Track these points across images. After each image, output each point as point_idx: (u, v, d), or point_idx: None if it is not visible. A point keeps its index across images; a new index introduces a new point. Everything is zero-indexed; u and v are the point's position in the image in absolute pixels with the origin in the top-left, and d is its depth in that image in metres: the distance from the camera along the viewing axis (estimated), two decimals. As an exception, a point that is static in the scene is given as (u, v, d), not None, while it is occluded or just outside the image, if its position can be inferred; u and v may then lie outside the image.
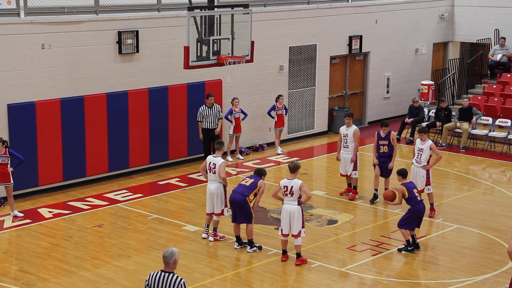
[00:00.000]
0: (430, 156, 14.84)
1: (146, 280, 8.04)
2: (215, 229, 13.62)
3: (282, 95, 19.94)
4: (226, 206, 13.43)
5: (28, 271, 12.20)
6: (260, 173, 13.09)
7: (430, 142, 14.92)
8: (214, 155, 13.44)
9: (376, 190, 15.78)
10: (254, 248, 13.04)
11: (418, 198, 13.11)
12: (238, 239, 13.19)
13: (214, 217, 13.51)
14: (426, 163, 14.82)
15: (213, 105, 18.12)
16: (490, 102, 21.90)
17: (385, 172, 15.67)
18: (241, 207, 12.80)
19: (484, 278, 12.11)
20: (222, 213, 13.45)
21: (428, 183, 14.85)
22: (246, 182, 12.91)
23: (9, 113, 15.56)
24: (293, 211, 12.33)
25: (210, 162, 13.36)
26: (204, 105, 18.11)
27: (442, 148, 20.18)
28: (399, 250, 13.15)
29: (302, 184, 12.27)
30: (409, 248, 13.11)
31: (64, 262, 12.61)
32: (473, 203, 16.07)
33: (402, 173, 13.27)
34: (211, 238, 13.59)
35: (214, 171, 13.29)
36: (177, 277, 7.89)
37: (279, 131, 20.10)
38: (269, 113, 19.91)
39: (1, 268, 12.36)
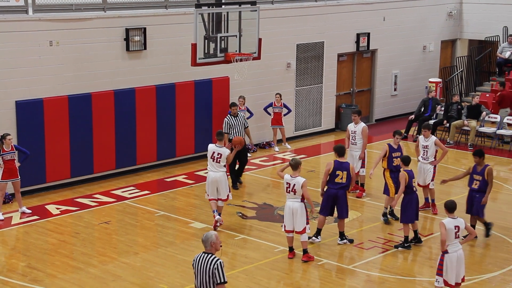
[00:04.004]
0: (436, 151, 14.84)
1: (193, 260, 8.71)
2: (219, 214, 13.91)
3: (279, 93, 19.91)
4: (230, 191, 13.94)
5: (36, 267, 12.24)
6: (340, 153, 13.21)
7: (434, 137, 14.91)
8: (217, 144, 13.75)
9: (386, 208, 14.68)
10: (345, 241, 13.32)
11: (414, 188, 13.14)
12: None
13: (219, 203, 13.86)
14: (433, 159, 14.82)
15: (238, 114, 17.34)
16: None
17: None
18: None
19: (491, 276, 12.08)
20: (227, 199, 13.87)
21: (432, 178, 14.83)
22: (342, 178, 13.04)
23: (17, 110, 15.59)
24: (296, 208, 12.31)
25: (214, 152, 13.68)
26: (229, 115, 17.22)
27: (450, 146, 20.09)
28: (396, 247, 13.13)
29: (304, 183, 12.21)
30: (405, 245, 13.09)
31: (72, 258, 12.65)
32: (481, 201, 16.00)
33: (405, 160, 13.23)
34: (219, 219, 13.87)
35: (219, 160, 13.59)
36: (215, 257, 8.53)
37: (274, 129, 20.08)
38: (265, 109, 19.93)
39: (9, 264, 12.41)
